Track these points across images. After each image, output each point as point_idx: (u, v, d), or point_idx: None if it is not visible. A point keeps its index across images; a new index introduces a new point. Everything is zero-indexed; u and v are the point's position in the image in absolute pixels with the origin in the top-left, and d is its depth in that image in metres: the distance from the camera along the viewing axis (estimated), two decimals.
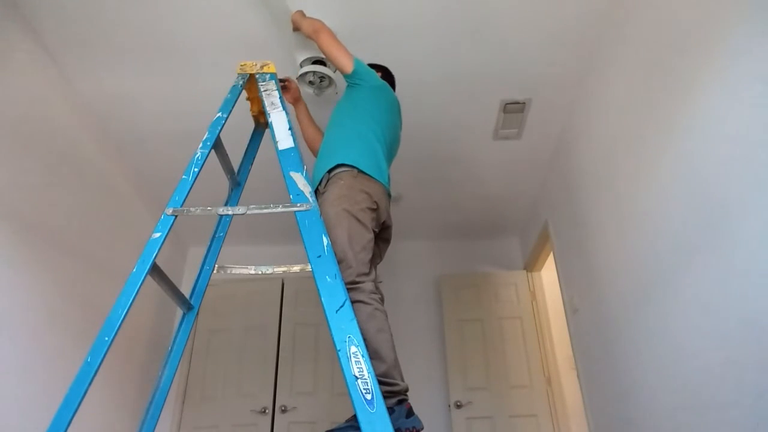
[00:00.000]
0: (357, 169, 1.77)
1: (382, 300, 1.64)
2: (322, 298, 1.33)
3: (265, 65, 1.95)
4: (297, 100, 2.28)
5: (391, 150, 2.05)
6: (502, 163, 3.40)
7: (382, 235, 1.91)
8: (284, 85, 2.21)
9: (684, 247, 1.80)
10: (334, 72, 2.40)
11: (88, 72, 2.59)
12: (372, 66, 2.27)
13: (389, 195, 1.89)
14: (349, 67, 1.98)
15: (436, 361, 3.89)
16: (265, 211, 1.53)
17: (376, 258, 1.91)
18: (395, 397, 1.48)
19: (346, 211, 1.66)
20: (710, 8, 1.64)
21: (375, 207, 1.75)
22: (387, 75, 2.32)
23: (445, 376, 3.78)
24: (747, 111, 1.47)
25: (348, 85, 2.07)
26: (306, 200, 1.52)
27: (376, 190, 1.78)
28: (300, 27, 2.20)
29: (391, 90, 2.18)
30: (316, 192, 1.80)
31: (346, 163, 1.77)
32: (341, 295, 1.33)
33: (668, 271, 1.92)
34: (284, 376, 3.72)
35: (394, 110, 2.11)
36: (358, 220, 1.67)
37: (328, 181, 1.78)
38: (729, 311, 1.55)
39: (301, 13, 2.24)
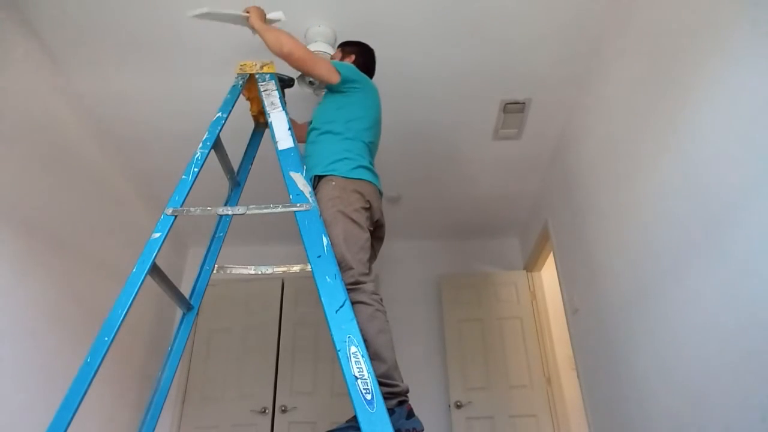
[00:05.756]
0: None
1: (381, 300, 1.64)
2: (322, 298, 1.33)
3: (265, 65, 1.95)
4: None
5: (377, 146, 2.04)
6: (502, 163, 3.40)
7: (375, 233, 1.90)
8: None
9: (684, 247, 1.80)
10: None
11: (88, 72, 2.59)
12: (345, 45, 2.19)
13: (381, 193, 1.89)
14: (335, 78, 1.88)
15: (436, 361, 3.89)
16: (265, 211, 1.54)
17: (371, 258, 1.91)
18: (396, 398, 1.48)
19: (341, 213, 1.65)
20: (710, 8, 1.64)
21: (368, 206, 1.75)
22: (362, 52, 2.18)
23: (445, 376, 3.78)
24: (747, 111, 1.47)
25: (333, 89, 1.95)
26: (306, 200, 1.52)
27: (368, 190, 1.78)
28: (262, 37, 1.91)
29: (371, 82, 2.06)
30: None
31: (336, 174, 1.75)
32: (341, 295, 1.34)
33: (668, 270, 1.92)
34: (284, 376, 3.72)
35: (378, 104, 2.05)
36: (353, 221, 1.66)
37: (318, 181, 1.77)
38: (729, 311, 1.55)
39: (258, 12, 1.97)
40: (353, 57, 2.14)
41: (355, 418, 1.20)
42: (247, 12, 1.98)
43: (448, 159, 3.35)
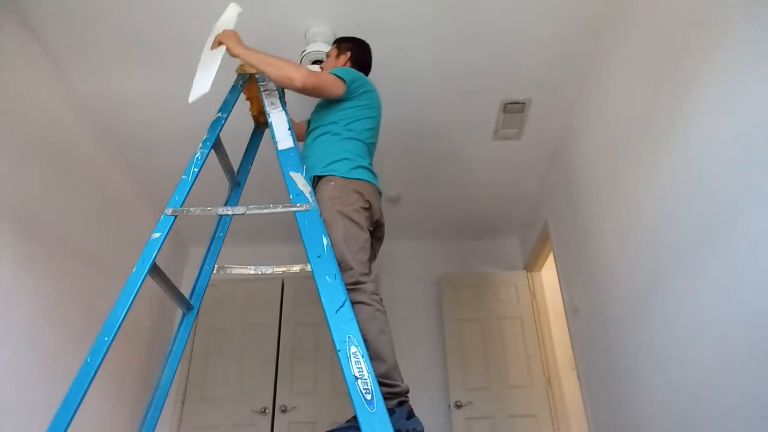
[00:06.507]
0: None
1: (381, 300, 1.64)
2: (322, 298, 1.33)
3: None
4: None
5: (375, 147, 2.03)
6: (502, 163, 3.40)
7: (375, 233, 1.90)
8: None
9: (684, 247, 1.80)
10: None
11: (88, 72, 2.59)
12: (341, 42, 2.15)
13: (380, 193, 1.89)
14: (342, 90, 1.84)
15: (436, 361, 3.89)
16: (265, 211, 1.53)
17: (370, 258, 1.91)
18: (396, 398, 1.48)
19: (340, 213, 1.65)
20: (710, 7, 1.64)
21: (368, 206, 1.75)
22: (358, 49, 2.13)
23: (445, 376, 3.77)
24: (747, 111, 1.47)
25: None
26: (306, 200, 1.52)
27: (368, 189, 1.77)
28: (260, 70, 1.78)
29: (371, 83, 2.01)
30: None
31: (335, 175, 1.74)
32: (341, 295, 1.33)
33: (668, 271, 1.92)
34: (284, 376, 3.72)
35: (379, 104, 2.03)
36: (353, 221, 1.66)
37: (318, 181, 1.76)
38: (729, 311, 1.55)
39: (233, 38, 1.80)
40: (349, 54, 2.10)
41: (355, 418, 1.20)
42: (221, 43, 1.81)
43: (449, 159, 3.35)
